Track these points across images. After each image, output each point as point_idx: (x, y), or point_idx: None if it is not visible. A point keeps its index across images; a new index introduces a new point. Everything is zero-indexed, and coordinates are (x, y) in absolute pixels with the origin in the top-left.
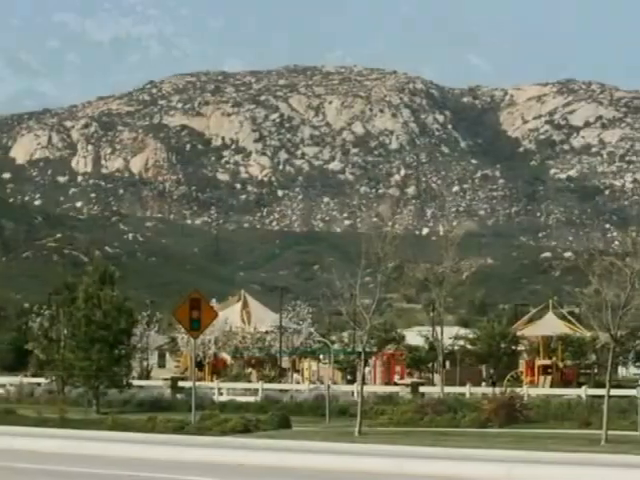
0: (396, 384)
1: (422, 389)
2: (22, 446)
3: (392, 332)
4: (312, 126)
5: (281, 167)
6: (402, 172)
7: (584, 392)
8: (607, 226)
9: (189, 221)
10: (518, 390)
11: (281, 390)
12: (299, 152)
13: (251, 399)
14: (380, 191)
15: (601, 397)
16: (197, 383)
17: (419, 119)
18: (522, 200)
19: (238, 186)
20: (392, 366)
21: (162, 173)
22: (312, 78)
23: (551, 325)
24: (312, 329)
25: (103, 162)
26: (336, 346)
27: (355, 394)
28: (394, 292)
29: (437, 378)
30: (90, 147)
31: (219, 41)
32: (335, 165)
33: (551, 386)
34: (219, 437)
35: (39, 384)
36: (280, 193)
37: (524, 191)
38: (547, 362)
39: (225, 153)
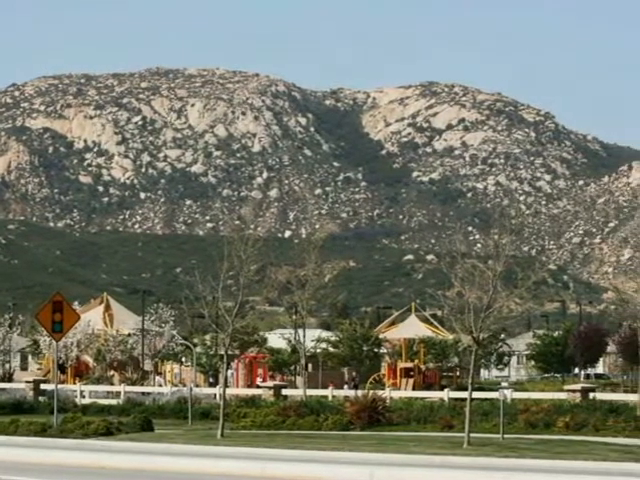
0: (258, 387)
1: (284, 392)
2: None
3: (254, 335)
4: (174, 129)
5: (143, 170)
6: (265, 175)
7: (446, 395)
8: (469, 229)
9: (52, 224)
10: (380, 393)
11: (143, 393)
12: (161, 155)
13: (113, 402)
14: (242, 194)
15: (463, 400)
16: (59, 386)
17: (281, 122)
18: (384, 203)
19: (100, 188)
20: (254, 369)
21: (25, 176)
22: (174, 81)
23: (413, 328)
24: (174, 332)
25: None
26: (198, 349)
27: (217, 397)
28: (256, 295)
29: (299, 381)
30: None
31: (81, 43)
32: (198, 168)
33: (413, 389)
34: (81, 440)
35: None
36: (142, 195)
37: (386, 194)
38: (409, 365)
39: (87, 156)
